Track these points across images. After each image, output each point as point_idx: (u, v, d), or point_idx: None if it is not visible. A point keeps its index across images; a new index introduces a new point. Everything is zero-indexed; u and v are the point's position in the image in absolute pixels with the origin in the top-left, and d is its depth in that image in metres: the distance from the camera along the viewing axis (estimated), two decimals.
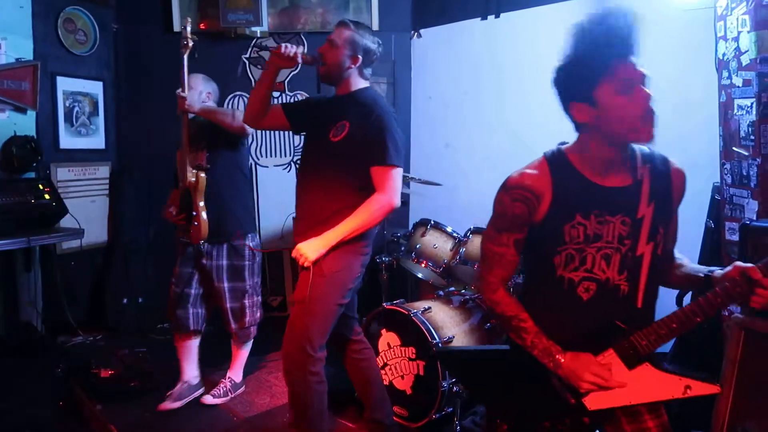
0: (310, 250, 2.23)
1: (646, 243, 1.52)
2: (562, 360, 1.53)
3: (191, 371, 3.17)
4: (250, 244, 3.09)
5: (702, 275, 1.54)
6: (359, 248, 2.35)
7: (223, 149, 3.02)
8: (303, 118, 2.51)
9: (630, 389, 1.51)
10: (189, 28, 2.90)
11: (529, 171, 1.56)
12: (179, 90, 2.96)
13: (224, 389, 3.18)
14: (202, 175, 2.92)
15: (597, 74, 1.44)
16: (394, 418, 2.81)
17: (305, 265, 2.23)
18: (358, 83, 2.42)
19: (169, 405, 3.03)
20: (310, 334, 2.24)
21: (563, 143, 1.63)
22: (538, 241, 1.58)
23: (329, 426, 2.41)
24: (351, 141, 2.28)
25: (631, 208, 1.52)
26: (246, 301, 3.10)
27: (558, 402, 1.58)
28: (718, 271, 1.49)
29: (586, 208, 1.52)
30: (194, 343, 3.15)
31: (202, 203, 2.92)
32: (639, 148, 1.59)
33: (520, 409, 1.68)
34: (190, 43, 2.96)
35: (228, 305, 3.06)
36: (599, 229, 1.52)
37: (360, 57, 2.38)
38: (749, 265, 1.40)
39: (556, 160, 1.57)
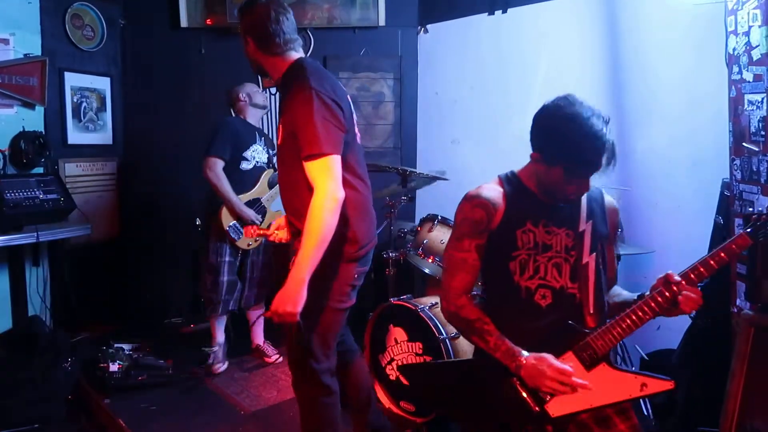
0: (284, 304, 1.88)
1: (589, 254, 1.70)
2: (524, 361, 1.60)
3: (221, 336, 3.58)
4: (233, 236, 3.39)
5: (636, 296, 1.68)
6: (345, 253, 2.07)
7: None
8: None
9: (590, 392, 1.58)
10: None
11: (485, 186, 1.79)
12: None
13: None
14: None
15: (564, 163, 1.61)
16: (401, 413, 2.82)
17: (294, 321, 1.91)
18: (279, 66, 2.11)
19: (220, 368, 3.49)
20: (310, 347, 2.07)
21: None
22: (495, 248, 1.73)
23: None
24: (285, 140, 2.05)
25: (573, 223, 1.72)
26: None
27: (521, 410, 1.63)
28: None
29: (535, 216, 1.71)
30: (225, 317, 3.61)
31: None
32: None
33: (483, 420, 1.73)
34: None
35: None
36: (548, 239, 1.71)
37: (252, 39, 2.11)
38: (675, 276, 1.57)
39: (508, 179, 1.80)
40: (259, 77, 4.28)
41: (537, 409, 1.61)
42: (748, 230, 1.52)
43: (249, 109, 3.54)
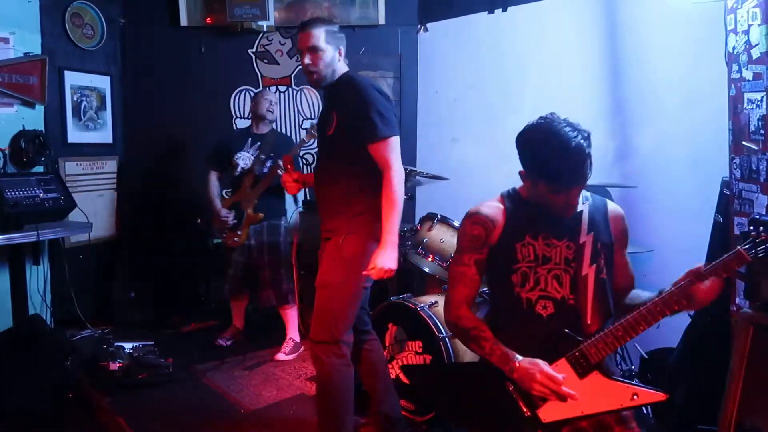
0: (387, 262, 2.23)
1: (588, 266, 1.75)
2: (517, 364, 1.66)
3: (240, 321, 3.92)
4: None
5: (655, 294, 1.68)
6: (376, 234, 2.33)
7: None
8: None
9: (581, 399, 1.62)
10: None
11: (486, 203, 1.86)
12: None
13: (291, 347, 3.72)
14: (261, 215, 3.62)
15: (542, 178, 1.69)
16: (401, 411, 2.82)
17: (391, 275, 2.26)
18: (341, 70, 2.44)
19: (223, 342, 3.81)
20: (336, 319, 2.29)
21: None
22: (496, 261, 1.81)
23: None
24: (340, 130, 2.31)
25: (574, 235, 1.77)
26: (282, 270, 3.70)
27: (514, 414, 1.67)
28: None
29: (534, 230, 1.77)
30: (243, 303, 3.92)
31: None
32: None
33: (480, 422, 1.79)
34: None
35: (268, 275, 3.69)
36: (548, 251, 1.76)
37: (342, 48, 2.42)
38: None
39: (509, 195, 1.87)
40: (260, 75, 4.31)
41: (528, 413, 1.66)
42: (746, 247, 1.55)
43: (254, 121, 3.75)
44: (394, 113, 2.33)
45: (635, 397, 1.61)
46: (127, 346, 3.42)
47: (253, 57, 4.43)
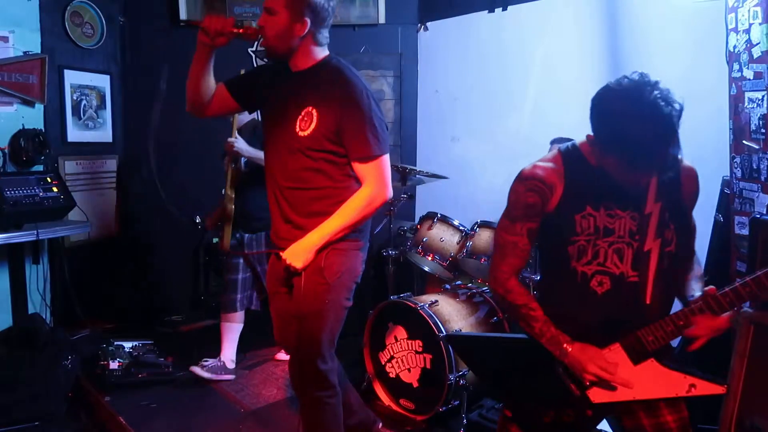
0: (294, 258, 1.98)
1: (653, 239, 1.53)
2: (570, 349, 1.55)
3: (229, 352, 3.33)
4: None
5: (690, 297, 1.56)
6: (357, 245, 2.11)
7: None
8: (253, 97, 2.20)
9: (634, 385, 1.52)
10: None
11: (542, 163, 1.61)
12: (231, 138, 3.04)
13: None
14: (231, 207, 3.09)
15: (617, 153, 1.44)
16: (401, 410, 2.82)
17: (296, 271, 2.00)
18: (316, 53, 2.03)
19: (199, 372, 3.21)
20: (322, 348, 2.05)
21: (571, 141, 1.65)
22: (551, 231, 1.61)
23: None
24: (322, 134, 1.96)
25: (640, 204, 1.54)
26: None
27: (562, 393, 1.59)
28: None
29: (596, 199, 1.55)
30: (237, 327, 3.34)
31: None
32: None
33: (526, 398, 1.70)
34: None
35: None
36: (610, 222, 1.55)
37: (308, 19, 1.93)
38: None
39: (569, 154, 1.61)
40: (254, 59, 4.25)
41: (578, 392, 1.57)
42: None
43: None
44: (385, 124, 2.04)
45: (693, 387, 1.50)
46: (127, 345, 3.42)
47: (253, 56, 4.42)
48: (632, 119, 1.37)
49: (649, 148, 1.37)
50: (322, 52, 2.05)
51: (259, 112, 2.28)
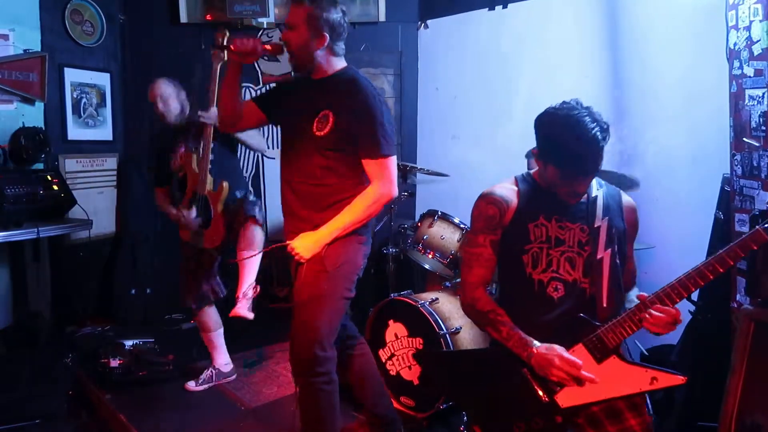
0: (303, 249, 2.13)
1: (604, 249, 1.73)
2: (535, 350, 1.64)
3: (221, 358, 3.30)
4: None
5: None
6: (360, 239, 2.23)
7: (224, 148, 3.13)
8: (279, 108, 2.34)
9: (599, 384, 1.60)
10: (226, 41, 2.44)
11: (500, 184, 1.87)
12: (206, 111, 2.96)
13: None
14: (225, 184, 3.01)
15: (554, 163, 1.71)
16: (402, 408, 2.82)
17: (301, 261, 2.15)
18: (334, 64, 2.22)
19: (194, 388, 3.19)
20: (320, 334, 2.11)
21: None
22: (508, 242, 1.80)
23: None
24: (337, 134, 2.11)
25: (589, 218, 1.76)
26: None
27: (531, 401, 1.65)
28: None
29: (547, 212, 1.77)
30: (216, 334, 3.27)
31: (220, 210, 3.02)
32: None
33: (496, 410, 1.75)
34: (225, 57, 2.74)
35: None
36: (561, 233, 1.76)
37: (326, 35, 2.14)
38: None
39: (523, 179, 1.87)
40: (260, 72, 4.28)
41: (546, 399, 1.64)
42: (766, 226, 1.52)
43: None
44: (393, 128, 2.20)
45: (654, 380, 1.58)
46: (128, 343, 3.41)
47: (259, 71, 4.42)
48: (564, 132, 1.65)
49: (575, 155, 1.64)
50: (340, 63, 2.24)
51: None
